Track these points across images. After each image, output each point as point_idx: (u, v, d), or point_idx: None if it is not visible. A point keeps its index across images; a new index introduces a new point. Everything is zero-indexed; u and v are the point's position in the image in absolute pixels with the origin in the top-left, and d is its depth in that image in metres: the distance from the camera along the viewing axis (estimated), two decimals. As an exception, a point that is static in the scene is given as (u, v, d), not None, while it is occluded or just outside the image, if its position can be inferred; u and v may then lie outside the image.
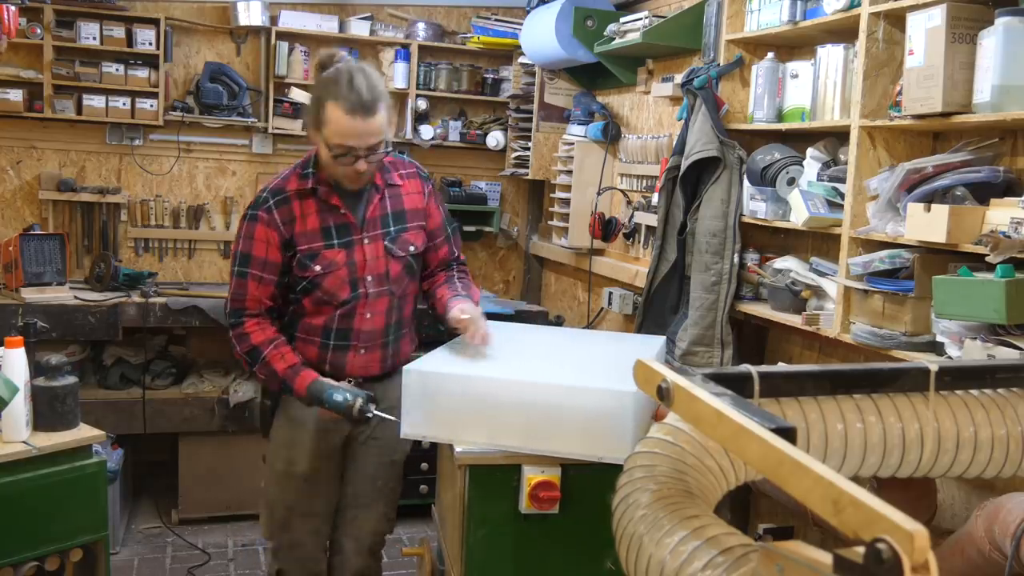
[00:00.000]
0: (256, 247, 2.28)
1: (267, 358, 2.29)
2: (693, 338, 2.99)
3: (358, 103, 2.14)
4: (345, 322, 2.34)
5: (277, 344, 2.30)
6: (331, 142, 2.18)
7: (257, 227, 2.28)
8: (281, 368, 2.28)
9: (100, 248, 4.37)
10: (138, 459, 4.20)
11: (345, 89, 2.14)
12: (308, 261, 2.28)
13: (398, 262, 2.38)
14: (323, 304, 2.32)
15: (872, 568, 0.71)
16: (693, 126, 3.06)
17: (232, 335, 2.32)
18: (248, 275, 2.29)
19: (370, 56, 4.78)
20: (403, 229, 2.39)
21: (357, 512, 2.51)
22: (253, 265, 2.29)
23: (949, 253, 2.20)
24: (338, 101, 2.14)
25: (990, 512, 1.63)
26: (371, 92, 2.16)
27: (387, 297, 2.37)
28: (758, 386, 1.24)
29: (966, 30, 2.12)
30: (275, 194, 2.29)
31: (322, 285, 2.30)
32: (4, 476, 2.27)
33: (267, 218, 2.28)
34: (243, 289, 2.30)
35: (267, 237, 2.28)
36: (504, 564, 2.09)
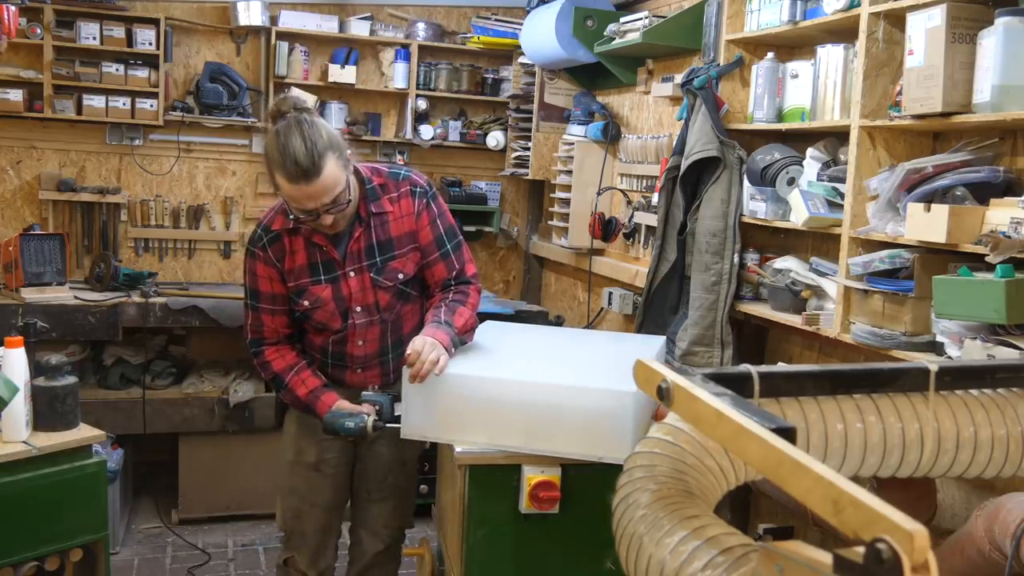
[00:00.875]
0: (261, 283, 2.35)
1: (289, 385, 2.37)
2: (693, 338, 2.99)
3: (296, 171, 2.07)
4: (339, 347, 2.39)
5: (298, 370, 2.37)
6: (289, 206, 2.19)
7: (257, 264, 2.34)
8: (303, 394, 2.36)
9: (100, 248, 4.37)
10: (138, 459, 4.20)
11: (281, 157, 2.08)
12: (297, 297, 2.34)
13: (387, 292, 2.36)
14: (320, 331, 2.39)
15: (872, 568, 0.71)
16: (693, 126, 3.06)
17: (256, 363, 2.44)
18: (260, 310, 2.37)
19: (370, 56, 4.78)
20: (391, 258, 2.34)
21: (371, 506, 2.55)
22: (262, 300, 2.36)
23: (949, 253, 2.20)
24: (279, 169, 2.10)
25: (990, 512, 1.63)
26: (308, 154, 2.07)
27: (378, 326, 2.38)
28: (758, 386, 1.24)
29: (966, 30, 2.12)
30: (267, 231, 2.33)
31: (313, 317, 2.35)
32: (4, 476, 2.27)
33: (263, 255, 2.33)
34: (258, 322, 2.38)
35: (268, 273, 2.33)
36: (504, 564, 2.09)
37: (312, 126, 2.11)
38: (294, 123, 2.11)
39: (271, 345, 2.40)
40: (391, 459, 2.51)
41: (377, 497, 2.54)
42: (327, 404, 2.31)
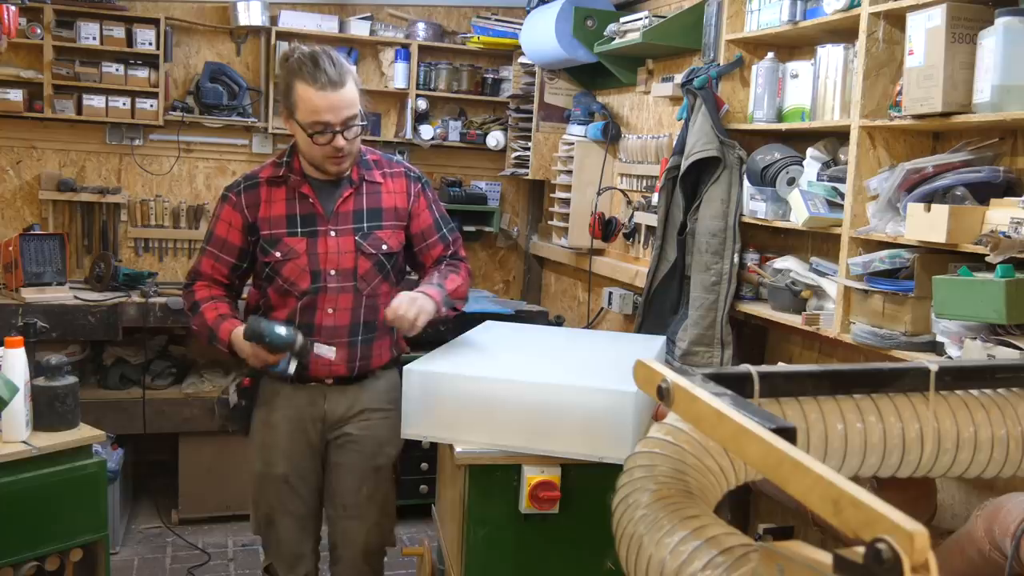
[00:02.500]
0: (219, 226, 2.35)
1: (202, 310, 2.33)
2: (693, 338, 2.99)
3: (325, 78, 2.16)
4: (307, 316, 2.31)
5: (217, 300, 2.36)
6: (306, 121, 2.19)
7: (225, 207, 2.35)
8: (211, 317, 2.31)
9: (100, 248, 4.37)
10: (138, 459, 4.20)
11: (311, 67, 2.16)
12: (268, 246, 2.31)
13: (368, 259, 2.34)
14: (285, 295, 2.32)
15: (872, 568, 0.71)
16: (693, 126, 3.06)
17: (181, 294, 2.45)
18: (206, 251, 2.38)
19: (370, 56, 4.78)
20: (377, 227, 2.36)
21: (348, 523, 2.42)
22: (213, 243, 2.36)
23: (949, 253, 2.20)
24: (305, 80, 2.16)
25: (990, 512, 1.63)
26: (337, 67, 2.19)
27: (351, 294, 2.32)
28: (758, 386, 1.24)
29: (966, 30, 2.12)
30: (247, 179, 2.36)
31: (281, 272, 2.30)
32: (4, 476, 2.27)
33: (235, 200, 2.33)
34: (199, 263, 2.40)
35: (231, 219, 2.33)
36: (504, 564, 2.09)
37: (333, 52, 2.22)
38: (316, 48, 2.22)
39: (204, 281, 2.39)
40: (363, 466, 2.39)
41: (353, 514, 2.40)
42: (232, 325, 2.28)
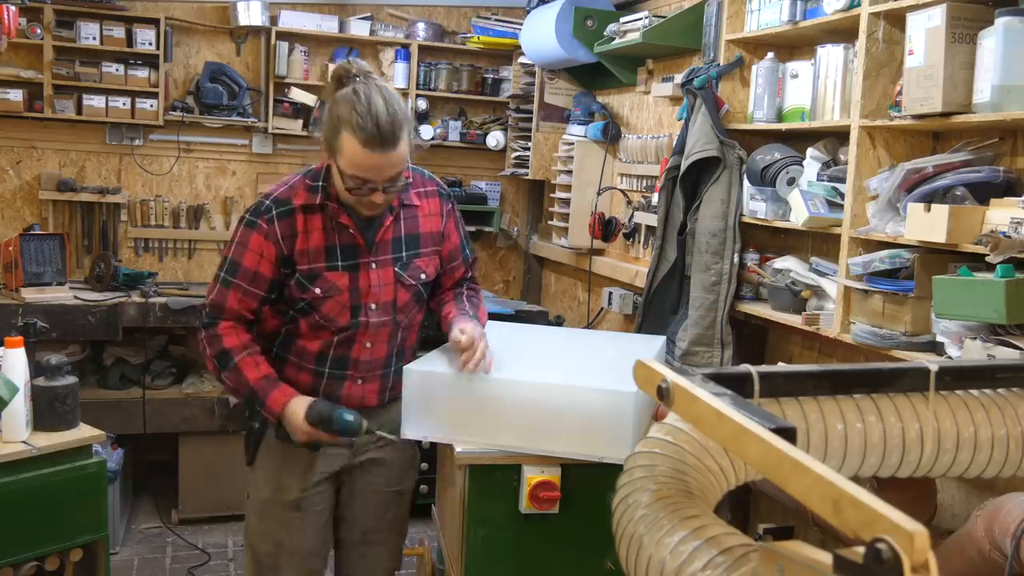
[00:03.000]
0: (248, 257, 2.05)
1: (239, 364, 2.05)
2: (693, 338, 2.99)
3: (376, 135, 1.90)
4: (343, 350, 2.12)
5: (251, 351, 2.08)
6: (345, 172, 1.96)
7: (253, 236, 2.05)
8: (254, 378, 2.05)
9: (100, 248, 4.37)
10: (138, 459, 4.20)
11: (362, 118, 1.89)
12: (308, 282, 2.06)
13: (408, 291, 2.16)
14: (320, 328, 2.10)
15: (872, 568, 0.71)
16: (693, 126, 3.06)
17: (203, 337, 2.09)
18: (232, 285, 2.06)
19: (370, 56, 4.78)
20: (416, 255, 2.17)
21: (367, 549, 2.28)
22: (240, 275, 2.06)
23: (949, 253, 2.20)
24: (355, 131, 1.90)
25: (990, 512, 1.63)
26: (392, 120, 1.91)
27: (391, 327, 2.16)
28: (758, 386, 1.24)
29: (966, 30, 2.12)
30: (279, 204, 2.05)
31: (320, 309, 2.08)
32: (4, 476, 2.27)
33: (266, 229, 2.04)
34: (222, 298, 2.07)
35: (262, 249, 2.04)
36: (504, 564, 2.08)
37: (393, 97, 1.96)
38: (374, 86, 1.94)
39: (228, 321, 2.08)
40: (388, 490, 2.27)
41: (375, 539, 2.28)
42: (284, 395, 2.04)
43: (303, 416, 2.02)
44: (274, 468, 2.17)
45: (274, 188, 2.11)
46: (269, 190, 2.11)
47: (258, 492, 2.20)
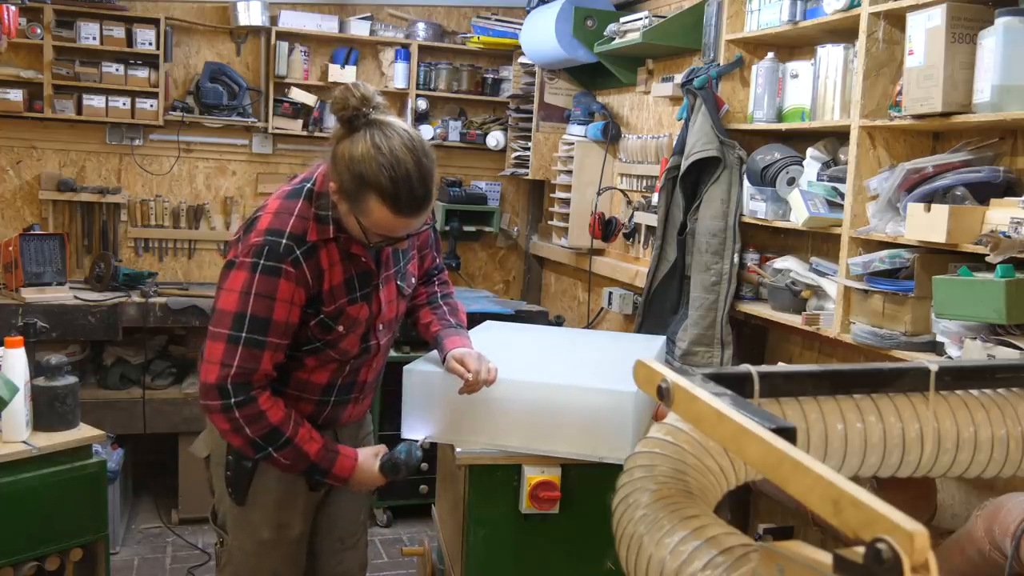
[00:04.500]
0: (278, 309, 1.77)
1: (297, 441, 1.83)
2: (693, 338, 2.99)
3: (408, 201, 1.73)
4: (352, 377, 2.00)
5: (297, 420, 1.86)
6: (370, 230, 1.79)
7: (281, 284, 1.77)
8: (315, 451, 1.86)
9: (100, 248, 4.37)
10: (138, 459, 4.20)
11: (393, 184, 1.70)
12: (332, 322, 1.87)
13: (405, 300, 2.07)
14: (329, 362, 1.94)
15: (872, 568, 0.71)
16: (693, 126, 3.06)
17: (237, 416, 1.78)
18: (267, 345, 1.78)
19: (370, 56, 4.78)
20: (409, 259, 2.06)
21: (344, 555, 2.20)
22: (273, 332, 1.78)
23: (949, 253, 2.20)
24: (384, 198, 1.71)
25: (990, 512, 1.63)
26: (423, 179, 1.73)
27: (391, 341, 2.09)
28: (758, 386, 1.23)
29: (966, 30, 2.12)
30: (299, 242, 1.79)
31: (338, 346, 1.91)
32: (4, 476, 2.27)
33: (295, 273, 1.78)
34: (255, 362, 1.77)
35: (293, 297, 1.79)
36: (504, 564, 2.09)
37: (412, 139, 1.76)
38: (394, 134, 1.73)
39: (262, 390, 1.81)
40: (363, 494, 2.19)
41: (350, 543, 2.20)
42: (349, 459, 1.90)
43: (378, 472, 1.93)
44: (274, 506, 1.98)
45: (277, 221, 1.81)
46: (271, 224, 1.80)
47: (255, 534, 1.99)
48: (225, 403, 1.77)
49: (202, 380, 1.80)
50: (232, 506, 1.99)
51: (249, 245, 1.79)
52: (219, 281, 1.84)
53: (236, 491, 1.97)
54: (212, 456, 2.04)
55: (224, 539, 2.04)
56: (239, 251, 1.81)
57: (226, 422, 1.79)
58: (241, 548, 2.01)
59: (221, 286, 1.82)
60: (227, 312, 1.78)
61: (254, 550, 2.00)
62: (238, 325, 1.77)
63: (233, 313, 1.77)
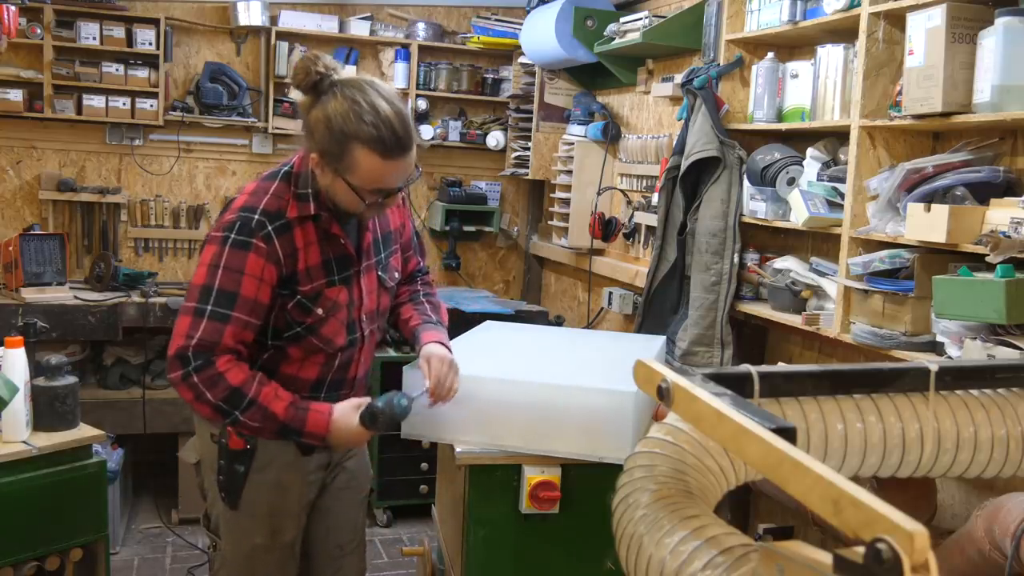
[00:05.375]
0: (246, 284, 1.76)
1: (258, 400, 1.77)
2: (693, 338, 2.99)
3: (395, 142, 1.73)
4: (341, 372, 1.97)
5: (261, 380, 1.81)
6: (362, 188, 1.77)
7: (250, 258, 1.76)
8: (281, 409, 1.80)
9: (100, 248, 4.37)
10: (138, 459, 4.20)
11: (376, 128, 1.71)
12: (310, 303, 1.85)
13: (388, 294, 2.04)
14: (315, 353, 1.90)
15: (872, 568, 0.71)
16: (693, 126, 3.06)
17: (197, 381, 1.75)
18: (229, 319, 1.76)
19: (370, 56, 4.78)
20: (391, 253, 2.04)
21: (342, 562, 2.17)
22: (239, 307, 1.77)
23: (949, 253, 2.20)
24: (371, 143, 1.72)
25: (990, 512, 1.63)
26: (402, 120, 1.75)
27: (377, 336, 2.05)
28: (758, 386, 1.23)
29: (966, 30, 2.12)
30: (272, 218, 1.79)
31: (319, 331, 1.88)
32: (4, 476, 2.27)
33: (266, 249, 1.77)
34: (216, 335, 1.75)
35: (262, 273, 1.77)
36: (504, 564, 2.09)
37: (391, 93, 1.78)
38: (367, 86, 1.75)
39: (223, 355, 1.77)
40: (359, 499, 2.19)
41: (348, 549, 2.17)
42: (322, 414, 1.83)
43: (358, 423, 1.84)
44: (268, 510, 1.95)
45: (252, 199, 1.83)
46: (246, 202, 1.82)
47: (249, 538, 1.96)
48: (185, 371, 1.75)
49: (168, 354, 1.79)
50: (225, 510, 1.97)
51: (222, 222, 1.81)
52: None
53: (229, 495, 1.94)
54: (203, 460, 2.02)
55: (217, 543, 2.03)
56: (213, 228, 1.85)
57: (188, 390, 1.77)
58: (234, 552, 1.99)
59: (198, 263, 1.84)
60: (196, 286, 1.78)
61: (247, 554, 1.98)
62: (204, 298, 1.76)
63: (201, 286, 1.77)
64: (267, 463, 1.93)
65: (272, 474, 1.94)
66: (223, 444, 1.92)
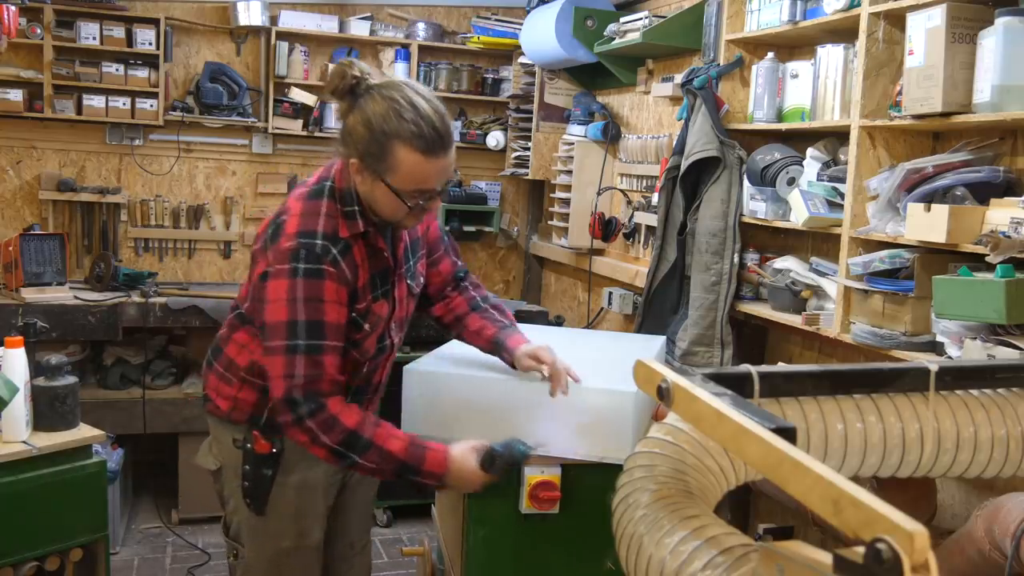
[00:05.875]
0: (329, 311, 1.74)
1: (376, 441, 1.75)
2: (693, 338, 2.99)
3: (435, 139, 1.70)
4: (367, 378, 1.98)
5: (376, 421, 1.79)
6: (404, 190, 1.74)
7: (326, 285, 1.73)
8: (400, 448, 1.76)
9: (100, 248, 4.37)
10: (138, 459, 4.20)
11: (416, 125, 1.69)
12: (362, 320, 1.84)
13: (414, 300, 2.02)
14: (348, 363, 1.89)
15: (872, 568, 0.71)
16: (693, 126, 3.06)
17: (311, 425, 1.72)
18: (325, 349, 1.73)
19: (370, 56, 4.78)
20: (418, 259, 2.02)
21: (353, 560, 2.19)
22: (329, 335, 1.74)
23: (949, 253, 2.20)
24: (411, 141, 1.69)
25: (990, 512, 1.63)
26: (441, 116, 1.73)
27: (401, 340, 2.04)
28: (758, 386, 1.23)
29: (966, 30, 2.12)
30: (333, 241, 1.76)
31: (362, 345, 1.87)
32: (4, 476, 2.27)
33: (336, 273, 1.75)
34: (319, 368, 1.73)
35: (338, 297, 1.76)
36: (504, 564, 2.08)
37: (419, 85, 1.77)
38: (404, 85, 1.74)
39: (332, 396, 1.75)
40: (371, 497, 2.20)
41: (359, 548, 2.20)
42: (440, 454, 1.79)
43: (477, 466, 1.81)
44: (294, 513, 1.94)
45: (307, 223, 1.77)
46: (301, 226, 1.76)
47: (276, 543, 1.95)
48: (296, 415, 1.72)
49: (272, 397, 1.75)
50: (250, 516, 1.95)
51: (282, 251, 1.74)
52: (257, 293, 1.79)
53: (255, 501, 1.93)
54: (225, 468, 2.00)
55: (239, 551, 2.00)
56: (271, 259, 1.75)
57: (302, 434, 1.73)
58: (260, 558, 1.97)
59: (262, 298, 1.76)
60: (278, 323, 1.73)
61: (274, 559, 1.96)
62: (292, 334, 1.72)
63: (285, 323, 1.72)
64: (294, 465, 1.92)
65: (298, 475, 1.93)
66: (248, 449, 1.90)
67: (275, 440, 1.89)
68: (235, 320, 1.96)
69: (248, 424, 1.93)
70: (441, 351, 2.34)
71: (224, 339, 1.98)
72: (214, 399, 1.98)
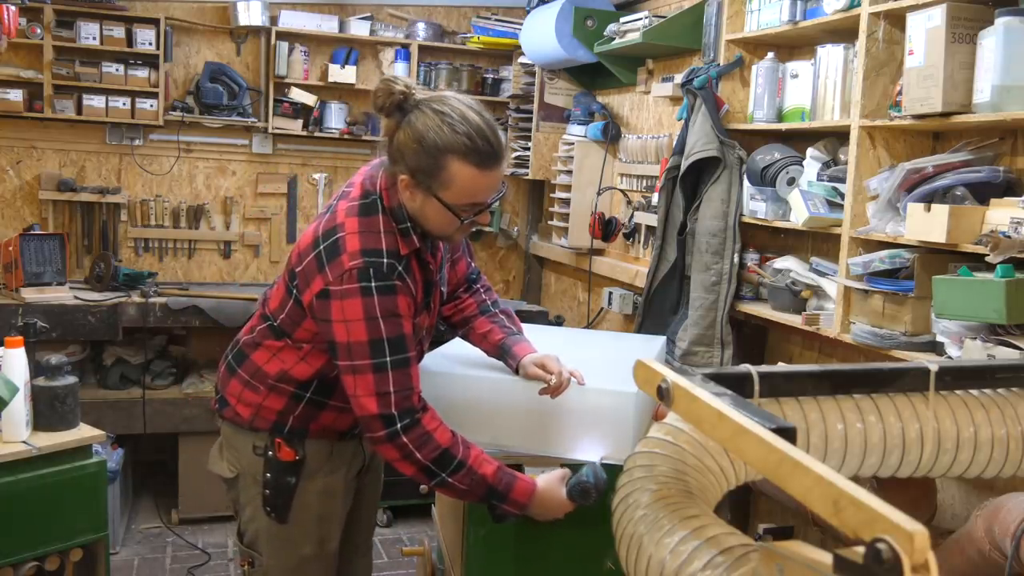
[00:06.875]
0: (405, 325, 1.75)
1: (468, 463, 1.75)
2: (693, 338, 2.99)
3: (489, 152, 1.69)
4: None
5: (465, 442, 1.79)
6: (457, 204, 1.73)
7: (400, 300, 1.74)
8: (491, 472, 1.77)
9: (100, 248, 4.37)
10: (138, 459, 4.20)
11: (470, 139, 1.67)
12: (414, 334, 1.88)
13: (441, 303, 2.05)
14: None
15: (872, 568, 0.71)
16: (693, 126, 3.06)
17: (405, 441, 1.72)
18: (411, 361, 1.75)
19: (370, 56, 4.78)
20: (444, 264, 2.01)
21: (358, 561, 2.20)
22: (410, 347, 1.76)
23: (949, 253, 2.20)
24: (466, 155, 1.67)
25: (990, 512, 1.63)
26: (493, 128, 1.71)
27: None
28: (758, 386, 1.24)
29: (966, 30, 2.12)
30: (396, 258, 1.75)
31: None
32: (4, 476, 2.27)
33: (403, 286, 1.75)
34: (409, 381, 1.74)
35: (409, 311, 1.78)
36: (504, 564, 2.08)
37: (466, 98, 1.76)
38: (451, 98, 1.73)
39: (424, 411, 1.76)
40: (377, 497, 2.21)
41: (364, 550, 2.21)
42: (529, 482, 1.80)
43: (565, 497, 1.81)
44: (315, 521, 1.95)
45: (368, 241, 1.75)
46: (364, 244, 1.74)
47: (297, 550, 1.94)
48: (391, 430, 1.72)
49: (362, 414, 1.74)
50: (270, 525, 1.93)
51: (347, 270, 1.71)
52: (315, 313, 1.77)
53: (277, 510, 1.92)
54: (242, 475, 1.96)
55: (256, 559, 1.97)
56: (331, 279, 1.72)
57: (395, 450, 1.73)
58: (280, 566, 1.95)
59: (327, 318, 1.74)
60: (360, 343, 1.71)
61: (295, 566, 1.95)
62: (377, 351, 1.71)
63: (367, 342, 1.71)
64: (315, 471, 1.92)
65: (320, 481, 1.93)
66: (271, 456, 1.89)
67: (299, 447, 1.89)
68: (267, 330, 1.92)
69: (270, 432, 1.91)
70: (443, 351, 2.34)
71: (251, 345, 1.95)
72: (234, 405, 1.95)
